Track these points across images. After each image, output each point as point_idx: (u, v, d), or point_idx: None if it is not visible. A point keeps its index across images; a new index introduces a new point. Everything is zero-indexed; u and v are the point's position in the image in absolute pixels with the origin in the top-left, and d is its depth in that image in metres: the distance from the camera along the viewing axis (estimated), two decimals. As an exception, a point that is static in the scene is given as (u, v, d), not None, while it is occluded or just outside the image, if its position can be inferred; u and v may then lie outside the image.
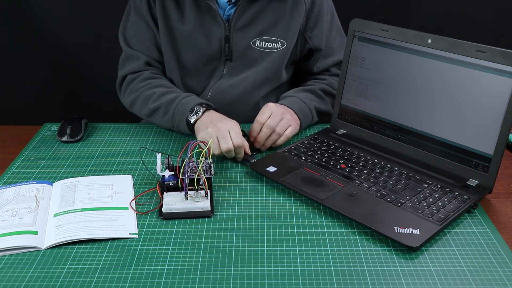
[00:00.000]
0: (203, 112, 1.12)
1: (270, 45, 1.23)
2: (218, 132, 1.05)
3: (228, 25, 1.21)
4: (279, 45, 1.23)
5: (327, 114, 1.26)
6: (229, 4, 1.21)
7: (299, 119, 1.18)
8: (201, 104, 1.14)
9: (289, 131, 1.14)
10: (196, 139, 1.05)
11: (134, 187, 1.00)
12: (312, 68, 1.31)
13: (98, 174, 1.05)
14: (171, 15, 1.23)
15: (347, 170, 1.01)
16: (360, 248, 0.83)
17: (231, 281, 0.77)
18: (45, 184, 1.00)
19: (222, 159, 1.10)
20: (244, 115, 1.25)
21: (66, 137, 1.16)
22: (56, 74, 1.88)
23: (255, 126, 1.11)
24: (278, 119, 1.12)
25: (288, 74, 1.32)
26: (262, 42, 1.23)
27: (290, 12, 1.22)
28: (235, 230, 0.88)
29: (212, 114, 1.12)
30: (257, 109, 1.18)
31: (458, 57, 0.96)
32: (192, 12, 1.22)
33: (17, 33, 1.81)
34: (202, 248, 0.84)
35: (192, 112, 1.13)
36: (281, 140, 1.13)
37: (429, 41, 0.99)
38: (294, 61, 1.31)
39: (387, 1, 1.75)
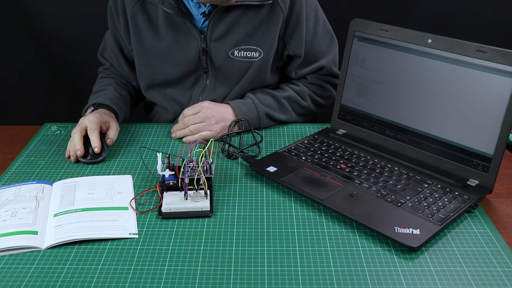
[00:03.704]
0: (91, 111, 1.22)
1: (249, 54, 1.22)
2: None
3: (204, 37, 1.21)
4: (257, 54, 1.22)
5: (286, 122, 1.27)
6: (203, 17, 1.20)
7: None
8: (93, 104, 1.23)
9: (204, 134, 1.16)
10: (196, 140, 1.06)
11: (134, 187, 1.00)
12: (290, 74, 1.30)
13: (98, 174, 1.05)
14: (145, 34, 1.24)
15: (347, 170, 1.01)
16: (360, 248, 0.83)
17: (231, 281, 0.77)
18: (45, 184, 1.00)
19: (222, 159, 1.10)
20: None
21: (88, 157, 1.09)
22: (56, 74, 1.88)
23: (180, 116, 1.21)
24: (198, 120, 1.17)
25: (274, 79, 1.31)
26: (241, 51, 1.21)
27: (267, 19, 1.20)
28: (235, 230, 0.88)
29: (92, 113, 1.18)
30: None
31: (458, 57, 0.96)
32: (166, 29, 1.22)
33: (17, 33, 1.81)
34: (202, 248, 0.84)
35: (86, 110, 1.23)
36: (189, 138, 1.17)
37: (429, 41, 0.99)
38: (278, 67, 1.30)
39: (387, 1, 1.75)
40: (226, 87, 1.26)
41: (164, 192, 0.95)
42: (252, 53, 1.22)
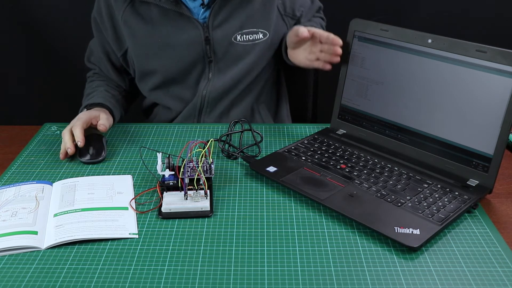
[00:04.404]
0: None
1: (251, 37, 1.23)
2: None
3: (206, 26, 1.21)
4: (261, 36, 1.24)
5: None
6: (202, 7, 1.21)
7: None
8: (86, 106, 1.21)
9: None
10: (196, 139, 1.06)
11: (134, 187, 1.00)
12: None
13: (98, 174, 1.05)
14: (142, 34, 1.23)
15: (347, 170, 1.01)
16: (360, 248, 0.83)
17: (231, 281, 0.77)
18: (45, 184, 1.00)
19: (222, 159, 1.10)
20: (246, 113, 1.27)
21: (88, 157, 1.09)
22: (56, 74, 1.88)
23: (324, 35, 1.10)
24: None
25: (276, 62, 1.34)
26: (243, 35, 1.23)
27: (264, 0, 1.23)
28: (235, 230, 0.88)
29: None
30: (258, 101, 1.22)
31: (458, 57, 0.96)
32: (164, 25, 1.22)
33: (17, 33, 1.82)
34: (202, 248, 0.84)
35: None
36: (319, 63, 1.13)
37: (429, 41, 0.99)
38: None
39: (387, 1, 1.75)
40: (231, 75, 1.26)
41: (164, 192, 0.95)
42: (254, 35, 1.24)
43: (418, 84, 1.02)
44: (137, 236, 0.87)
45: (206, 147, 0.96)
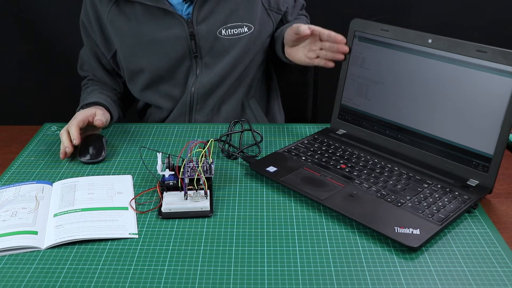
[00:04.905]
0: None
1: (236, 30, 1.24)
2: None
3: (190, 21, 1.22)
4: (246, 29, 1.24)
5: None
6: (185, 3, 1.21)
7: None
8: (82, 107, 1.21)
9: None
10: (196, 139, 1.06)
11: (134, 187, 1.00)
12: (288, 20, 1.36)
13: (98, 174, 1.05)
14: (128, 34, 1.24)
15: (347, 170, 1.01)
16: (360, 248, 0.83)
17: (231, 281, 0.77)
18: (45, 184, 1.00)
19: (222, 159, 1.10)
20: (236, 111, 1.28)
21: (88, 157, 1.09)
22: (56, 74, 1.88)
23: (322, 31, 1.11)
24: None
25: (264, 55, 1.35)
26: (228, 29, 1.23)
27: None
28: (235, 230, 0.88)
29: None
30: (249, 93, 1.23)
31: (459, 57, 0.96)
32: (149, 22, 1.22)
33: (18, 33, 1.81)
34: (202, 248, 0.84)
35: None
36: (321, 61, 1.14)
37: (430, 41, 0.99)
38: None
39: (387, 1, 1.75)
40: (217, 70, 1.27)
41: (164, 192, 0.95)
42: (239, 29, 1.24)
43: (418, 84, 1.02)
44: (137, 236, 0.87)
45: (206, 147, 0.96)
